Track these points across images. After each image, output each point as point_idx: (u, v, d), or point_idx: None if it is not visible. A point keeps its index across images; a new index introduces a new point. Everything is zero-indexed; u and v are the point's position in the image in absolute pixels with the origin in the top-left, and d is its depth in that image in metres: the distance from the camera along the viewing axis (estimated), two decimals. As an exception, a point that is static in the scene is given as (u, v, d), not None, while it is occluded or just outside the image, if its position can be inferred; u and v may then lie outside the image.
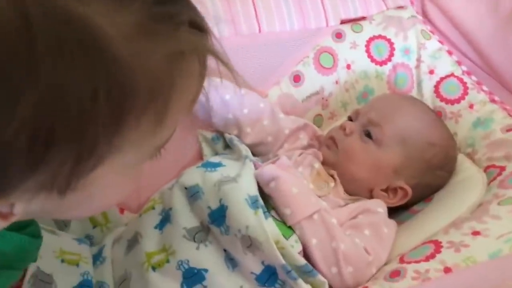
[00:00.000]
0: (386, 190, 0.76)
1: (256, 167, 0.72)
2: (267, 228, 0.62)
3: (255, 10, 0.90)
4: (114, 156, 0.32)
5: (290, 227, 0.66)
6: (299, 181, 0.69)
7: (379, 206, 0.72)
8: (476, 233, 0.65)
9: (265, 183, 0.68)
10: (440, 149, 0.78)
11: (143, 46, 0.30)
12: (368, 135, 0.77)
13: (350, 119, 0.83)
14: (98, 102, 0.28)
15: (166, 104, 0.33)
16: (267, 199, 0.68)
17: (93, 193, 0.35)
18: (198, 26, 0.34)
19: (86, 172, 0.31)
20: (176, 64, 0.32)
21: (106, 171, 0.33)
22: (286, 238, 0.64)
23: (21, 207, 0.32)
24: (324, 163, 0.78)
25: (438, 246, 0.64)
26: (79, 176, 0.31)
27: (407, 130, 0.77)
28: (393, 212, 0.76)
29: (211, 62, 0.37)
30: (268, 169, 0.69)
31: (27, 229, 0.43)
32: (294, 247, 0.64)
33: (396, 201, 0.76)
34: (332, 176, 0.76)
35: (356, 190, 0.76)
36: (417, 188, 0.76)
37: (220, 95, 0.79)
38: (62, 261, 0.62)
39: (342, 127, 0.79)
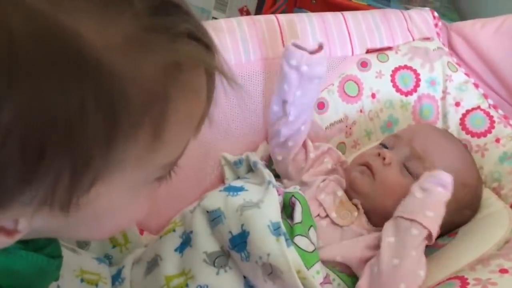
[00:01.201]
0: None
1: (279, 193, 0.71)
2: (289, 256, 0.61)
3: (282, 36, 0.91)
4: (113, 172, 0.32)
5: (312, 257, 0.65)
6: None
7: None
8: (504, 270, 0.63)
9: (436, 182, 0.67)
10: (471, 189, 0.77)
11: (134, 55, 0.29)
12: (410, 169, 0.74)
13: (384, 146, 0.80)
14: (86, 113, 0.27)
15: (162, 117, 0.32)
16: (289, 226, 0.67)
17: (100, 212, 0.35)
18: (198, 39, 0.33)
19: (85, 188, 0.31)
20: (172, 75, 0.31)
21: (109, 189, 0.33)
22: (308, 268, 0.63)
23: (25, 224, 0.32)
24: (353, 189, 0.76)
25: (464, 282, 0.62)
26: (78, 192, 0.30)
27: (447, 171, 0.73)
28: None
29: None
30: (450, 180, 0.68)
31: (46, 249, 0.43)
32: (315, 277, 0.63)
33: None
34: (355, 205, 0.75)
35: (381, 222, 0.72)
36: (443, 226, 0.74)
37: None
38: (82, 280, 0.61)
39: (381, 156, 0.75)
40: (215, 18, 1.67)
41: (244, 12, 1.74)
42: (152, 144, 0.32)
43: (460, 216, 0.77)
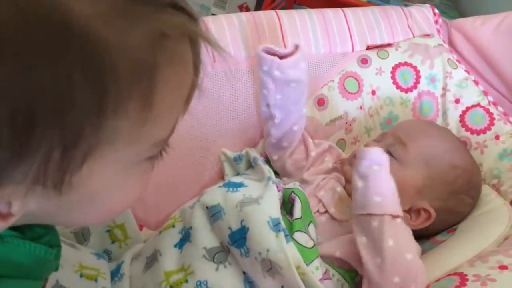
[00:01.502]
0: (408, 212, 0.74)
1: (278, 189, 0.71)
2: (288, 252, 0.61)
3: (282, 33, 0.91)
4: (105, 147, 0.32)
5: (311, 253, 0.65)
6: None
7: None
8: (503, 267, 0.63)
9: (369, 163, 0.65)
10: (463, 172, 0.77)
11: (120, 25, 0.30)
12: (393, 154, 0.75)
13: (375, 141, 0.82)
14: (74, 84, 0.28)
15: (151, 87, 0.32)
16: (289, 222, 0.67)
17: (93, 193, 0.35)
18: (181, 9, 0.33)
19: (77, 163, 0.31)
20: (159, 45, 0.32)
21: (101, 167, 0.33)
22: (307, 263, 0.63)
23: (19, 206, 0.32)
24: (347, 181, 0.77)
25: (463, 279, 0.62)
26: (70, 168, 0.30)
27: (430, 151, 0.76)
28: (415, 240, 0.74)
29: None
30: (380, 153, 0.66)
31: (44, 238, 0.43)
32: (314, 273, 0.63)
33: (419, 223, 0.73)
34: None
35: None
36: (440, 212, 0.74)
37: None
38: (81, 275, 0.61)
39: (366, 146, 0.78)
40: (214, 15, 1.67)
41: (243, 9, 1.74)
42: (142, 116, 0.32)
43: (457, 202, 0.77)
